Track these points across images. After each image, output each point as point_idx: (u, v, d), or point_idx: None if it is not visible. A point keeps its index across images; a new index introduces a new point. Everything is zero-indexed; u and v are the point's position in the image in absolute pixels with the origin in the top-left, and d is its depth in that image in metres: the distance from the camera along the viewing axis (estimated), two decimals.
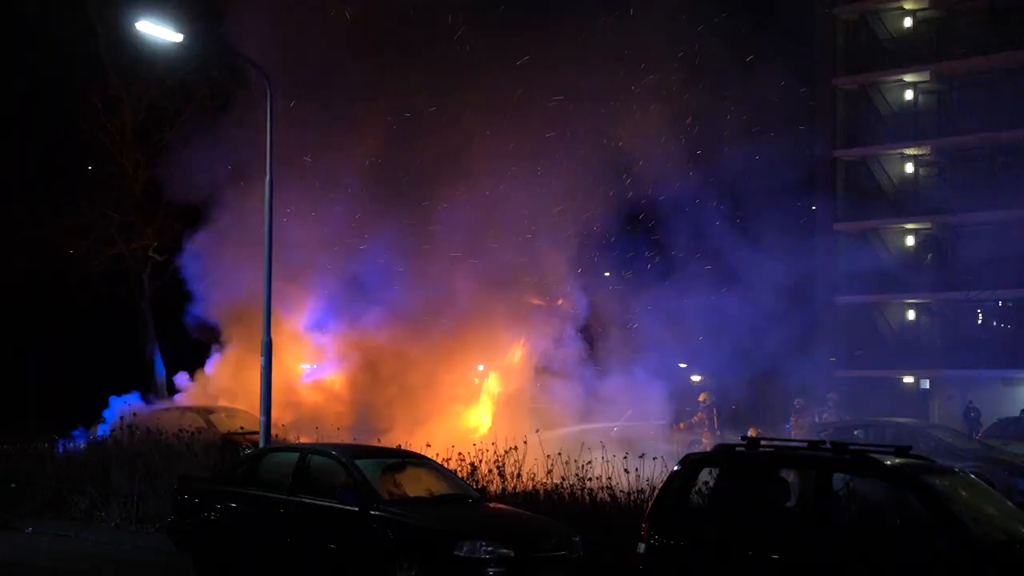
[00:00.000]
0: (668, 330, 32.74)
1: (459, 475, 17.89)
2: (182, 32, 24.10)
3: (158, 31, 23.17)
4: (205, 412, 30.55)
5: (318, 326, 34.12)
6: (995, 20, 47.66)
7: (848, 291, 50.74)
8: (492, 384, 33.67)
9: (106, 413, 34.70)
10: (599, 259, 34.20)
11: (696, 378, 41.40)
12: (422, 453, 17.99)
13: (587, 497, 17.83)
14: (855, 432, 26.89)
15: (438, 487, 15.68)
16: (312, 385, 33.71)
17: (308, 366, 34.39)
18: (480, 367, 34.21)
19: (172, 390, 38.22)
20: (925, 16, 50.21)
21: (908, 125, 50.49)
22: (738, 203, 36.05)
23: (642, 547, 12.73)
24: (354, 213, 31.95)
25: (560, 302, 33.36)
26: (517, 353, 33.18)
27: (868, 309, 51.19)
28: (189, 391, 35.89)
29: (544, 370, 32.83)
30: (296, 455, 15.91)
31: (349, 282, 33.11)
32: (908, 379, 50.16)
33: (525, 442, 19.74)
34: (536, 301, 33.20)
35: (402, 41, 31.92)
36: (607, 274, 34.11)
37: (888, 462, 12.00)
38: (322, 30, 31.98)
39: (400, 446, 20.54)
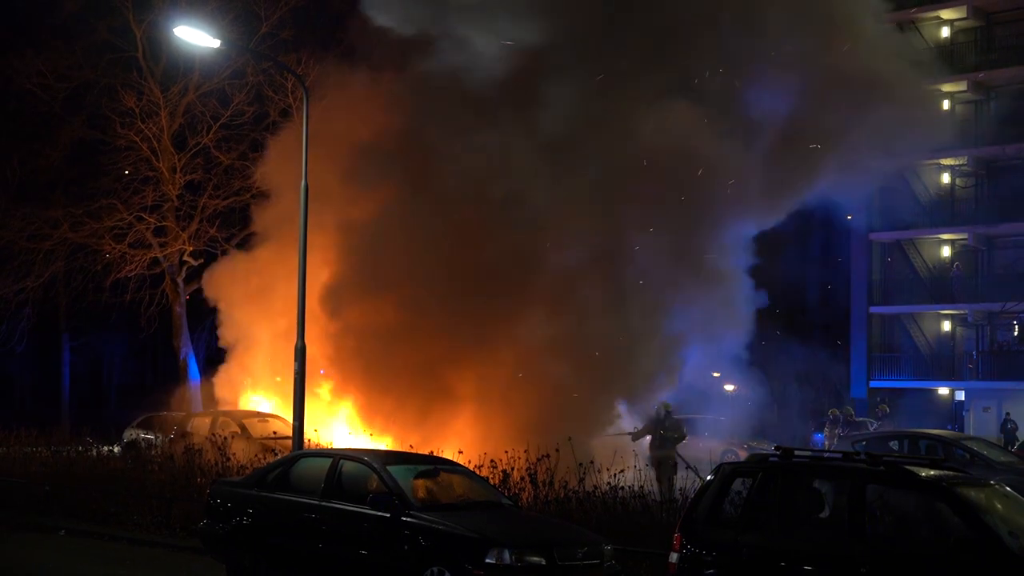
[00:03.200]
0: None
1: (491, 482, 17.89)
2: (219, 37, 24.25)
3: (195, 36, 23.31)
4: (239, 417, 30.80)
5: None
6: None
7: (883, 301, 50.48)
8: None
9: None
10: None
11: (730, 387, 41.32)
12: (454, 460, 18.01)
13: (619, 506, 17.81)
14: (890, 444, 26.78)
15: (470, 494, 15.69)
16: None
17: None
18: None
19: (206, 394, 38.37)
20: (963, 26, 49.87)
21: (945, 135, 50.11)
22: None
23: (674, 557, 12.71)
24: None
25: None
26: None
27: (903, 320, 50.91)
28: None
29: None
30: (328, 461, 15.95)
31: None
32: (943, 391, 49.83)
33: (557, 450, 19.73)
34: None
35: None
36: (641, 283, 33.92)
37: (923, 474, 11.93)
38: None
39: (432, 452, 20.61)
